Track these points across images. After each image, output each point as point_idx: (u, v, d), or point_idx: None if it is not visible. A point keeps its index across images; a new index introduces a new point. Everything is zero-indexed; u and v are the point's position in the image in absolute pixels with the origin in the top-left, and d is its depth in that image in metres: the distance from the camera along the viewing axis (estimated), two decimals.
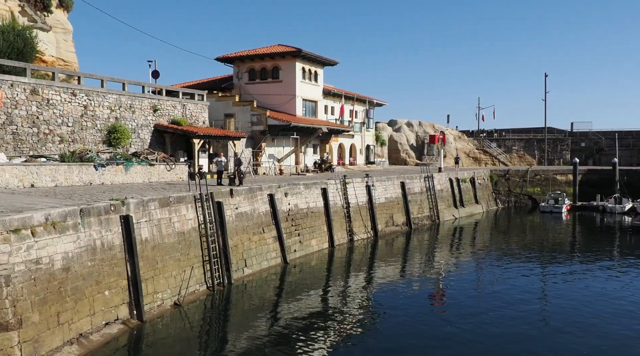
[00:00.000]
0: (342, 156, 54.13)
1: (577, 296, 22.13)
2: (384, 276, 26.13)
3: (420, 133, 72.80)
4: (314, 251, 30.08)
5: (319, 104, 49.35)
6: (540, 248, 34.87)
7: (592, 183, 56.87)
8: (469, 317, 19.18)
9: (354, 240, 33.82)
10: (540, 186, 58.53)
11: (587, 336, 17.26)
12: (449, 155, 69.38)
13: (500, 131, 78.47)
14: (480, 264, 29.92)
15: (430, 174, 45.09)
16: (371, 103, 59.26)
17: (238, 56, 46.48)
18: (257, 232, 25.96)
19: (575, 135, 74.66)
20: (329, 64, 49.48)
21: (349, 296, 22.76)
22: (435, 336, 17.40)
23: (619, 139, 65.61)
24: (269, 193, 27.60)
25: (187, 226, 21.46)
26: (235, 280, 23.16)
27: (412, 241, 36.62)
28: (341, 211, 33.80)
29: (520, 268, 28.09)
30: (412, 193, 42.22)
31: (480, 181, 55.67)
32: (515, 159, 72.76)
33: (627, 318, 19.15)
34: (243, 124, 41.13)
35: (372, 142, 60.96)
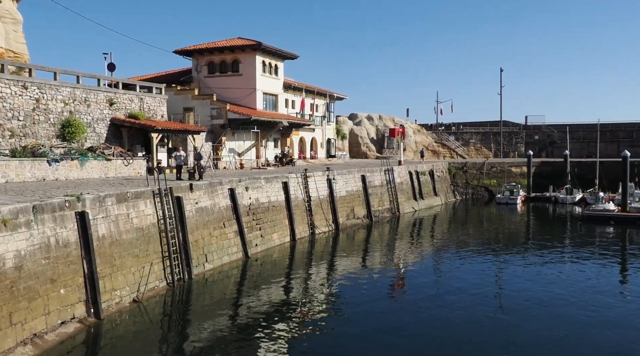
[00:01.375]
0: (303, 150, 54.16)
1: (531, 284, 22.83)
2: (346, 269, 26.36)
3: (380, 127, 73.48)
4: (275, 245, 30.07)
5: (280, 98, 49.18)
6: (496, 238, 35.82)
7: (545, 174, 58.67)
8: (428, 307, 19.57)
9: (315, 233, 33.95)
10: (496, 178, 60.02)
11: (540, 321, 17.85)
12: (409, 148, 70.30)
13: (458, 125, 79.94)
14: (439, 255, 30.52)
15: (391, 167, 45.62)
16: (332, 97, 59.43)
17: (197, 49, 45.83)
18: (217, 227, 25.77)
19: (529, 128, 76.71)
20: (290, 58, 49.33)
21: (311, 289, 22.89)
22: (395, 326, 17.69)
23: (570, 132, 67.71)
24: (230, 187, 27.42)
25: (146, 221, 21.13)
26: (196, 275, 22.96)
27: (372, 233, 37.03)
28: (302, 205, 33.87)
29: (478, 258, 28.80)
30: (373, 186, 42.63)
31: (439, 173, 56.66)
32: (472, 152, 74.29)
33: (575, 303, 19.88)
34: (203, 118, 40.64)
35: (333, 135, 61.18)
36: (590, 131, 69.28)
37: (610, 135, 71.07)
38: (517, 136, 75.13)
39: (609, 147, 68.66)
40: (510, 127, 77.12)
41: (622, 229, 37.22)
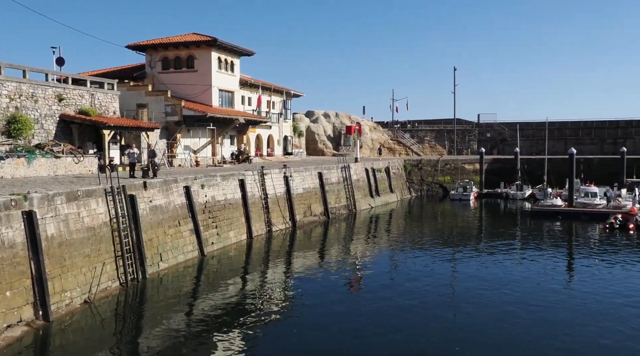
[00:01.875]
0: (260, 147, 53.89)
1: (483, 277, 23.42)
2: (302, 266, 26.42)
3: (337, 124, 73.82)
4: (232, 243, 29.85)
5: (236, 95, 48.76)
6: (450, 234, 36.61)
7: (496, 171, 60.29)
8: (384, 302, 19.84)
9: (272, 231, 33.88)
10: (450, 175, 61.28)
11: (490, 313, 18.38)
12: (365, 146, 70.92)
13: (413, 122, 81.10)
14: (396, 251, 30.95)
15: (347, 164, 45.94)
16: (288, 94, 59.34)
17: (151, 44, 44.92)
18: (172, 225, 25.38)
19: (481, 126, 78.56)
20: (246, 54, 48.96)
21: (268, 286, 22.85)
22: (352, 322, 17.86)
23: (520, 130, 69.80)
24: (185, 185, 27.04)
25: (98, 220, 20.61)
26: (150, 275, 22.57)
27: (329, 230, 37.23)
28: (259, 202, 33.73)
29: (433, 253, 29.36)
30: (330, 183, 42.84)
31: (395, 170, 57.43)
32: (427, 149, 75.54)
33: (525, 296, 20.55)
34: (157, 115, 39.87)
35: (289, 133, 61.11)
36: (539, 129, 71.53)
37: (558, 133, 73.54)
38: (470, 133, 76.83)
39: (557, 144, 71.07)
40: (463, 125, 78.79)
41: (569, 224, 38.63)
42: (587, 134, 73.56)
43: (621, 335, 16.33)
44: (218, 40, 43.49)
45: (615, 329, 16.85)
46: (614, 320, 17.63)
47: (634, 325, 17.21)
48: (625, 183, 49.78)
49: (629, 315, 18.20)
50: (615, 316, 18.08)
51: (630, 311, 18.63)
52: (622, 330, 16.77)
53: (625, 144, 65.65)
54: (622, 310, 18.69)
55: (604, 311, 18.60)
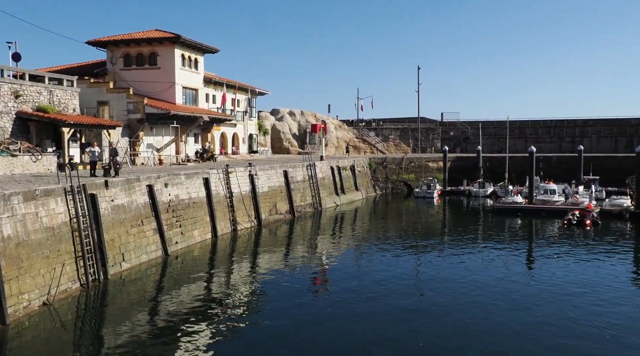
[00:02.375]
0: (225, 145, 53.45)
1: (447, 273, 23.82)
2: (268, 264, 26.34)
3: (302, 122, 73.79)
4: (196, 242, 29.54)
5: (200, 92, 48.24)
6: (415, 231, 37.05)
7: (459, 169, 61.33)
8: (349, 300, 19.95)
9: (237, 230, 33.67)
10: (414, 172, 62.05)
11: (454, 308, 18.71)
12: (331, 144, 71.12)
13: (378, 121, 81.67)
14: (361, 248, 31.16)
15: (313, 162, 45.99)
16: (253, 92, 59.02)
17: (112, 40, 44.01)
18: (135, 224, 24.95)
19: (445, 125, 79.68)
20: (210, 52, 48.47)
21: (233, 285, 22.69)
22: (317, 320, 17.91)
23: (483, 128, 71.13)
24: (148, 183, 26.61)
25: (57, 220, 20.10)
26: (112, 275, 22.14)
27: (295, 228, 37.22)
28: (224, 201, 33.47)
29: (398, 250, 29.66)
30: (295, 181, 42.81)
31: (360, 168, 57.78)
32: (392, 148, 76.23)
33: (486, 290, 20.99)
34: (119, 112, 39.10)
35: (254, 131, 60.80)
36: (500, 127, 72.97)
37: (519, 131, 75.16)
38: (433, 132, 77.86)
39: (518, 143, 72.64)
40: (427, 123, 79.78)
41: (529, 221, 39.58)
42: (546, 132, 75.41)
43: (576, 323, 16.85)
44: (181, 37, 42.93)
45: (571, 318, 17.37)
46: (571, 310, 18.19)
47: (589, 314, 17.77)
48: (582, 180, 51.29)
49: (586, 304, 18.79)
50: (572, 306, 18.65)
51: (586, 301, 19.23)
52: (578, 318, 17.30)
53: (582, 142, 67.61)
54: (579, 301, 19.28)
55: (561, 303, 19.13)
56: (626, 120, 72.99)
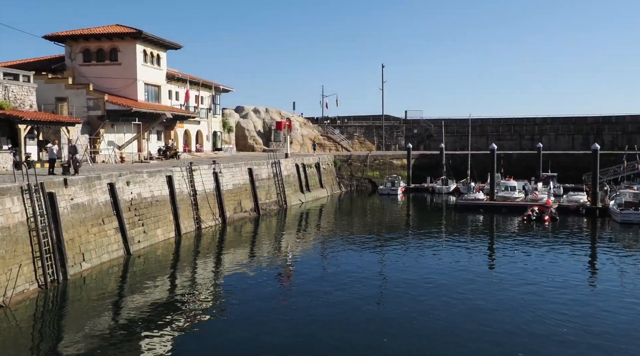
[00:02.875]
0: (188, 143, 52.77)
1: (411, 269, 24.11)
2: (233, 263, 26.16)
3: (267, 120, 73.47)
4: (159, 240, 29.11)
5: (163, 89, 47.46)
6: (379, 228, 37.38)
7: (423, 166, 62.13)
8: (314, 298, 20.00)
9: (201, 228, 33.33)
10: (379, 170, 62.56)
11: (418, 303, 18.97)
12: (296, 141, 71.05)
13: (343, 118, 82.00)
14: (326, 245, 31.24)
15: (278, 160, 45.86)
16: (217, 89, 58.42)
17: (70, 35, 42.83)
18: (96, 224, 24.41)
19: (408, 122, 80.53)
20: (173, 48, 47.73)
21: (197, 285, 22.46)
22: (283, 319, 17.89)
23: (445, 126, 72.18)
24: (109, 182, 26.07)
25: (13, 220, 19.50)
26: (72, 276, 21.62)
27: (260, 226, 37.07)
28: (188, 199, 33.07)
29: (363, 246, 29.87)
30: (260, 179, 42.62)
31: (325, 166, 57.91)
32: (356, 145, 76.63)
33: (449, 285, 21.34)
34: (78, 109, 38.12)
35: (219, 128, 60.21)
36: (463, 125, 74.21)
37: (480, 129, 76.56)
38: (397, 129, 78.61)
39: (479, 140, 73.99)
40: (391, 121, 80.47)
41: (490, 217, 40.40)
42: (507, 130, 77.00)
43: (534, 312, 17.30)
44: (143, 32, 42.13)
45: (529, 308, 17.83)
46: (530, 301, 18.68)
47: (548, 305, 18.27)
48: (541, 177, 52.66)
49: (544, 295, 19.32)
50: (531, 297, 19.15)
51: (545, 292, 19.78)
52: (536, 308, 17.77)
53: (541, 140, 69.33)
54: (538, 292, 19.81)
55: (521, 294, 19.61)
56: (582, 118, 75.20)
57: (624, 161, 50.85)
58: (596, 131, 72.76)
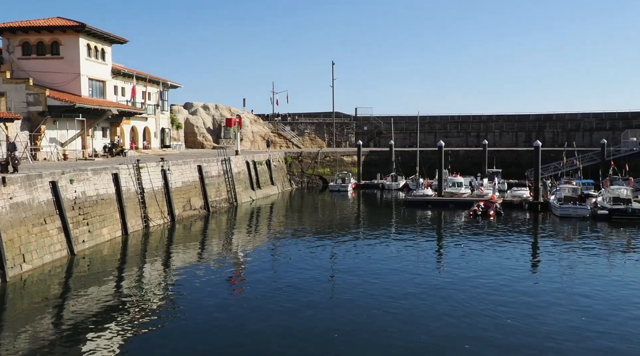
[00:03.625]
0: (135, 140, 51.54)
1: (363, 264, 24.40)
2: (182, 262, 25.73)
3: (217, 116, 72.55)
4: (105, 240, 28.33)
5: (108, 84, 46.15)
6: (330, 224, 37.60)
7: (373, 163, 62.90)
8: (265, 295, 19.95)
9: (149, 226, 32.64)
10: (329, 167, 62.91)
11: (369, 297, 19.23)
12: (246, 138, 70.49)
13: (293, 115, 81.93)
14: (277, 242, 31.17)
15: (228, 157, 45.42)
16: (165, 85, 57.27)
17: (8, 27, 41.02)
18: (37, 223, 23.51)
19: (359, 119, 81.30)
20: (118, 42, 46.45)
21: (144, 285, 21.98)
22: (233, 317, 17.76)
23: (395, 123, 73.29)
24: (51, 180, 25.14)
25: None
26: (11, 278, 20.76)
27: (210, 224, 36.64)
28: (135, 197, 32.31)
29: (313, 244, 29.95)
30: (210, 176, 42.09)
31: (276, 163, 57.75)
32: (307, 142, 76.75)
33: (399, 280, 21.72)
34: (17, 105, 36.55)
35: (167, 125, 59.07)
36: (411, 122, 75.45)
37: (429, 127, 78.07)
38: (348, 126, 79.20)
39: (428, 137, 75.47)
40: (342, 118, 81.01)
41: (438, 212, 41.31)
42: (454, 127, 78.85)
43: (478, 302, 17.85)
44: (87, 25, 40.81)
45: (474, 298, 18.37)
46: (475, 292, 19.23)
47: (492, 296, 18.86)
48: (487, 173, 54.24)
49: (488, 286, 19.94)
50: (475, 288, 19.73)
51: (489, 283, 20.41)
52: (480, 298, 18.33)
53: (486, 137, 71.41)
54: (483, 283, 20.43)
55: (467, 286, 20.18)
56: (525, 116, 77.87)
57: (563, 158, 52.99)
58: (538, 129, 75.48)
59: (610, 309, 18.23)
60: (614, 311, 18.05)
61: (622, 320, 17.09)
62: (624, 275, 22.71)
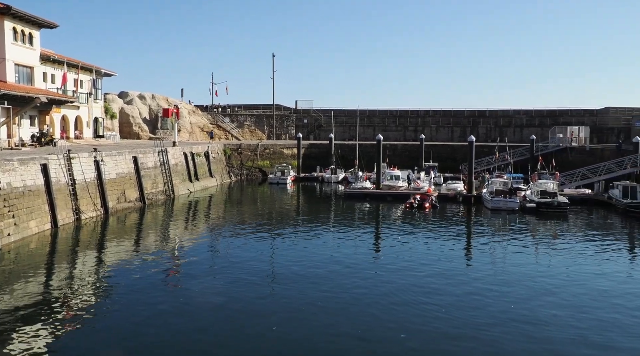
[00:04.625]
0: (67, 129, 49.41)
1: (301, 255, 24.46)
2: (116, 256, 24.95)
3: (153, 106, 70.61)
4: (33, 233, 27.07)
5: (36, 71, 43.96)
6: (269, 216, 37.48)
7: (313, 156, 63.18)
8: (202, 288, 19.68)
9: (81, 219, 31.46)
10: (269, 159, 62.68)
11: (304, 286, 19.34)
12: (184, 129, 69.05)
13: (233, 107, 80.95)
14: (215, 235, 30.79)
15: (165, 148, 44.36)
16: (99, 72, 55.12)
17: None
18: None
19: (299, 112, 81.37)
20: (47, 27, 44.29)
21: (76, 279, 21.17)
22: (169, 311, 17.41)
23: (335, 116, 73.84)
24: None
25: None
26: None
27: (146, 217, 35.72)
28: (66, 189, 31.03)
29: (252, 236, 29.78)
30: (146, 167, 40.98)
31: (215, 155, 56.92)
32: (247, 134, 76.07)
33: (338, 272, 21.96)
34: None
35: (100, 114, 56.95)
36: (351, 116, 76.26)
37: (368, 120, 79.18)
38: (288, 119, 79.09)
39: (367, 131, 76.51)
40: (282, 110, 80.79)
41: (376, 204, 41.99)
42: (392, 122, 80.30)
43: (415, 293, 18.33)
44: (12, 8, 38.69)
45: (411, 289, 18.84)
46: (411, 282, 19.73)
47: (426, 286, 19.43)
48: (423, 167, 55.61)
49: (424, 277, 20.50)
50: (412, 278, 20.23)
51: (425, 274, 20.97)
52: (417, 289, 18.83)
53: (423, 131, 73.21)
54: (419, 274, 20.96)
55: (403, 276, 20.65)
56: (460, 112, 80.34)
57: (495, 153, 55.08)
58: (472, 124, 78.01)
59: (535, 295, 19.13)
60: (540, 296, 18.97)
61: (544, 303, 17.98)
62: (549, 264, 23.91)
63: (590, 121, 74.88)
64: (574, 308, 17.87)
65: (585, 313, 17.37)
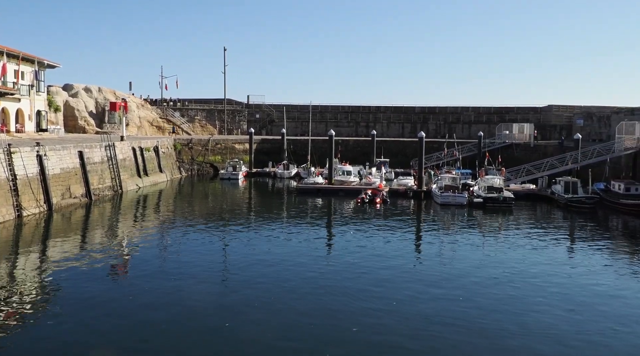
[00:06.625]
0: (7, 123, 47.32)
1: (252, 252, 24.31)
2: (60, 254, 24.11)
3: (100, 100, 68.54)
4: None
5: None
6: (220, 212, 37.08)
7: (265, 151, 62.84)
8: (150, 285, 19.30)
9: (22, 216, 30.26)
10: (221, 154, 61.95)
11: (256, 286, 19.26)
12: (132, 123, 67.41)
13: (183, 101, 79.51)
14: (165, 231, 30.20)
15: (112, 143, 43.15)
16: (41, 64, 53.01)
17: None
18: None
19: (251, 107, 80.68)
20: None
21: (17, 279, 20.36)
22: (116, 309, 17.00)
23: (287, 112, 73.62)
24: None
25: None
26: None
27: (92, 213, 34.70)
28: (6, 184, 29.77)
29: (203, 232, 29.38)
30: (92, 162, 39.77)
31: (165, 150, 55.82)
32: (198, 129, 74.91)
33: (287, 266, 21.96)
34: None
35: (43, 107, 54.80)
36: (303, 111, 76.19)
37: (320, 116, 79.29)
38: (240, 114, 78.34)
39: (319, 126, 76.62)
40: (234, 105, 79.91)
41: (328, 200, 42.17)
42: (344, 117, 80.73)
43: (367, 286, 18.54)
44: None
45: (363, 282, 19.05)
46: (362, 276, 19.94)
47: (378, 279, 19.68)
48: (375, 162, 56.20)
49: (374, 270, 20.76)
50: (363, 272, 20.46)
51: (375, 268, 21.24)
52: (368, 282, 19.06)
53: (375, 127, 73.97)
54: (369, 267, 21.22)
55: (354, 270, 20.86)
56: (411, 108, 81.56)
57: (444, 149, 56.22)
58: (423, 120, 79.31)
59: (481, 287, 19.70)
60: (485, 287, 19.56)
61: (491, 294, 18.54)
62: (494, 256, 24.66)
63: (535, 118, 77.40)
64: (517, 298, 18.50)
65: (527, 301, 18.01)
